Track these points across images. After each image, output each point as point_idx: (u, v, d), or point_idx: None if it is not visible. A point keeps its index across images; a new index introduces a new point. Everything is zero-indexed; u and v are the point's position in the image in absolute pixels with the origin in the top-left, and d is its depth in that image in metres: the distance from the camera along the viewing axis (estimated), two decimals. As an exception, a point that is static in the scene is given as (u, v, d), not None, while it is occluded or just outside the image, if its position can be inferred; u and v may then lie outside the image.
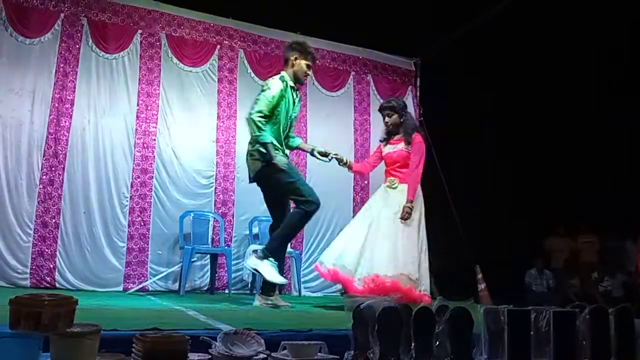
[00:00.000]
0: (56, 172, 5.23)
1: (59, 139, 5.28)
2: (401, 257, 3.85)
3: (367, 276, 3.79)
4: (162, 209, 5.64)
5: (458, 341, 1.73)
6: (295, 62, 3.94)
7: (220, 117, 6.01)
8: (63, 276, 5.15)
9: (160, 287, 5.51)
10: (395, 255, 3.85)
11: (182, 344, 1.51)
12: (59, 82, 5.32)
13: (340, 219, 6.17)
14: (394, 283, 3.70)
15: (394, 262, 3.82)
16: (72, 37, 5.44)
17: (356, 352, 1.78)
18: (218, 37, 6.12)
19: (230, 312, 3.47)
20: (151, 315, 2.94)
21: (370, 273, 3.80)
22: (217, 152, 5.95)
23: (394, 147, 4.25)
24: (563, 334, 1.76)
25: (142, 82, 5.68)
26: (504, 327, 1.72)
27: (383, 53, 7.00)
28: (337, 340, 1.97)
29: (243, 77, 6.18)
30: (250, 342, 1.75)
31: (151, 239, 5.54)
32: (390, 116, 4.25)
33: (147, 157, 5.62)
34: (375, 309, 1.76)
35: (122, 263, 5.38)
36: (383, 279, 3.74)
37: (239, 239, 5.94)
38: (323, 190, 4.48)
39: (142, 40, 5.75)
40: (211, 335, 1.78)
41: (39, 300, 1.43)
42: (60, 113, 5.30)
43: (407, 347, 1.73)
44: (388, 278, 3.74)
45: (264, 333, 1.97)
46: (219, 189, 5.92)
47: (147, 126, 5.66)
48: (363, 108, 6.83)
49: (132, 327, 1.97)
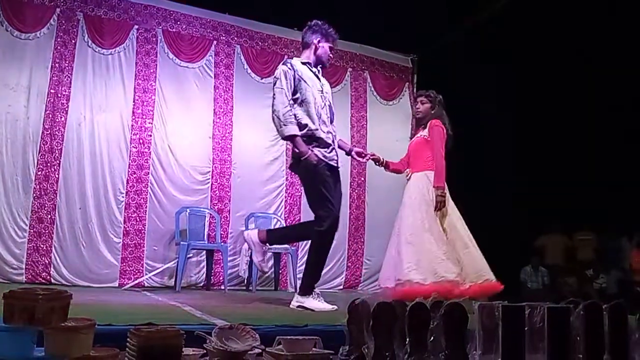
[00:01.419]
0: (52, 168, 5.22)
1: (55, 135, 5.26)
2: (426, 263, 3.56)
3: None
4: (158, 205, 5.63)
5: (452, 337, 1.73)
6: (318, 45, 3.62)
7: (216, 113, 6.00)
8: (58, 272, 5.14)
9: (156, 283, 5.51)
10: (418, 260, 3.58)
11: (177, 338, 1.51)
12: (54, 77, 5.30)
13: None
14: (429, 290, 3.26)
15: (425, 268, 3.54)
16: (68, 32, 5.42)
17: (351, 347, 1.78)
18: (215, 33, 6.11)
19: (226, 307, 3.47)
20: (146, 311, 2.94)
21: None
22: (213, 148, 5.94)
23: (416, 136, 4.07)
24: (557, 329, 1.76)
25: (138, 78, 5.66)
26: (498, 323, 1.73)
27: (380, 49, 6.99)
28: (333, 336, 1.97)
29: (239, 73, 6.17)
30: (245, 337, 1.76)
31: (147, 234, 5.54)
32: (424, 104, 3.99)
33: (143, 153, 5.61)
34: (370, 304, 1.76)
35: (117, 259, 5.37)
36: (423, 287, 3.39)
37: (235, 235, 5.94)
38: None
39: (138, 35, 5.73)
40: (206, 330, 1.79)
41: (32, 295, 1.43)
42: (55, 109, 5.28)
43: (402, 342, 1.74)
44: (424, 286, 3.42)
45: (260, 328, 1.98)
46: (215, 185, 5.91)
47: (143, 122, 5.64)
48: (360, 104, 6.83)
49: (127, 322, 1.97)
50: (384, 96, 7.02)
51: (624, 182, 7.31)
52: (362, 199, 6.68)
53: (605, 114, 7.23)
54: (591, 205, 7.44)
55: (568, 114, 7.43)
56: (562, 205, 7.67)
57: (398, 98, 7.12)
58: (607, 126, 7.31)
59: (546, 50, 6.91)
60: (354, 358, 1.74)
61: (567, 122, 7.50)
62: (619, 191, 7.29)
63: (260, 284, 5.80)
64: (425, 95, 4.03)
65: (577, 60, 6.86)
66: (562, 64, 6.88)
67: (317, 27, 3.66)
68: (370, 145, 6.52)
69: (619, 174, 7.31)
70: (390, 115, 6.99)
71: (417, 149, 3.97)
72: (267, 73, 6.27)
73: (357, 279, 6.62)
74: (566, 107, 7.37)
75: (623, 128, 7.22)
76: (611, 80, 6.72)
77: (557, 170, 7.68)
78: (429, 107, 4.00)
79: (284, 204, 6.26)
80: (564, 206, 7.67)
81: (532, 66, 6.97)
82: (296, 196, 6.30)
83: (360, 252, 6.65)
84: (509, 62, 6.88)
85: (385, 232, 6.51)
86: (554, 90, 7.23)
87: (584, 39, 6.49)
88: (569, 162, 7.67)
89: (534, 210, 7.60)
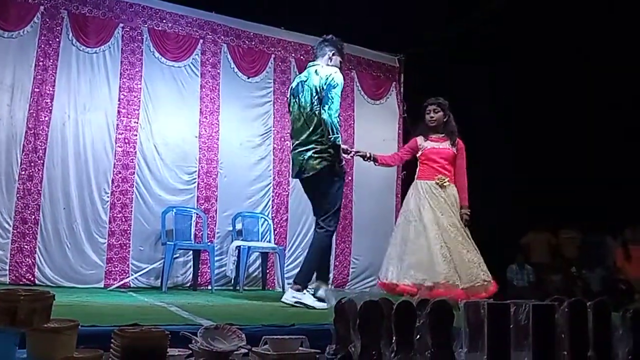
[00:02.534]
0: (36, 168, 5.15)
1: (39, 134, 5.19)
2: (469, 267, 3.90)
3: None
4: (144, 205, 5.58)
5: (439, 334, 1.73)
6: (333, 58, 3.85)
7: (203, 112, 5.96)
8: (43, 273, 5.07)
9: (142, 283, 5.47)
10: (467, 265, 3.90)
11: (162, 339, 1.50)
12: (38, 76, 5.23)
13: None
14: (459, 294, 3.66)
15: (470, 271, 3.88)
16: (52, 30, 5.35)
17: (337, 346, 1.78)
18: (201, 32, 6.07)
19: (213, 307, 3.45)
20: (132, 311, 2.92)
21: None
22: (199, 147, 5.91)
23: (439, 144, 4.23)
24: (542, 327, 1.77)
25: (123, 77, 5.61)
26: (484, 321, 1.74)
27: (367, 49, 7.00)
28: (320, 335, 1.97)
29: (226, 72, 6.14)
30: (231, 337, 1.75)
31: (133, 235, 5.49)
32: (437, 112, 4.23)
33: (128, 153, 5.56)
34: (356, 303, 1.76)
35: (103, 259, 5.32)
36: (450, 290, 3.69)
37: (221, 235, 5.91)
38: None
39: (123, 34, 5.67)
40: (192, 330, 1.77)
41: (14, 295, 1.41)
42: (39, 108, 5.22)
43: (389, 340, 1.74)
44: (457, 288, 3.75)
45: (246, 328, 1.97)
46: (201, 184, 5.88)
47: (129, 121, 5.59)
48: (347, 104, 6.82)
49: (112, 323, 1.96)
50: (371, 95, 7.03)
51: (609, 181, 7.39)
52: (350, 199, 6.69)
53: (591, 113, 7.31)
54: (576, 203, 7.52)
55: (553, 113, 7.50)
56: (548, 204, 7.74)
57: (385, 97, 7.14)
58: (594, 125, 7.39)
59: (531, 49, 6.97)
60: (341, 357, 1.74)
61: (552, 121, 7.58)
62: (605, 190, 7.37)
63: (247, 284, 5.78)
64: (438, 104, 4.25)
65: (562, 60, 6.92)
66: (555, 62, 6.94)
67: (333, 41, 3.91)
68: (358, 144, 6.52)
69: (604, 173, 7.39)
70: (377, 114, 7.01)
71: (449, 161, 4.20)
72: (254, 72, 6.26)
73: (345, 277, 6.63)
74: (551, 106, 7.44)
75: (610, 127, 7.31)
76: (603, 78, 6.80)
77: (543, 169, 7.75)
78: (442, 115, 4.24)
79: (271, 203, 6.24)
80: (549, 204, 7.74)
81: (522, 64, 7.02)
82: (283, 196, 6.29)
83: (347, 252, 6.66)
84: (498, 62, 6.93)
85: (372, 231, 6.59)
86: (539, 90, 7.30)
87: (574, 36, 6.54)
88: (555, 161, 7.75)
89: (521, 209, 7.66)
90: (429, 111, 4.26)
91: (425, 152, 4.23)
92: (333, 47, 3.89)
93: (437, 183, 4.11)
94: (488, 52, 6.82)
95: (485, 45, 6.70)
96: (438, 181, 4.11)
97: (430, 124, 4.26)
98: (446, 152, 4.19)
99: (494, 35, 6.47)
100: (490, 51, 6.82)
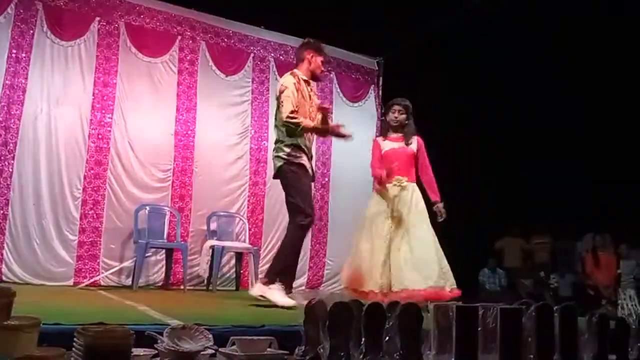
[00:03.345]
0: (5, 162, 5.03)
1: (10, 128, 5.07)
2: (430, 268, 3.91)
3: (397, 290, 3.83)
4: (117, 202, 5.49)
5: (408, 337, 1.74)
6: (312, 60, 3.94)
7: (179, 109, 5.89)
8: (10, 269, 4.95)
9: (113, 282, 5.37)
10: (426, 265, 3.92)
11: (126, 338, 1.47)
12: (10, 68, 5.10)
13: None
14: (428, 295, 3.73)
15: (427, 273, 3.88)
16: (26, 22, 5.23)
17: (307, 348, 1.77)
18: (179, 28, 6.00)
19: (183, 307, 3.41)
20: (99, 310, 2.87)
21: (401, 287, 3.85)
22: (175, 145, 5.84)
23: (398, 144, 4.26)
24: (509, 330, 1.79)
25: (98, 71, 5.51)
26: (452, 323, 1.75)
27: (347, 51, 7.01)
28: (290, 336, 1.96)
29: (204, 70, 6.07)
30: (198, 337, 1.72)
31: (104, 232, 5.39)
32: (401, 114, 4.29)
33: (101, 149, 5.46)
34: (326, 304, 1.75)
35: (72, 257, 5.21)
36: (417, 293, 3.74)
37: (196, 234, 5.85)
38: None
39: (99, 28, 5.57)
40: (160, 330, 1.74)
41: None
42: (11, 100, 5.09)
43: (358, 342, 1.74)
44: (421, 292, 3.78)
45: (215, 329, 1.95)
46: (176, 182, 5.81)
47: (103, 117, 5.49)
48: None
49: (77, 322, 1.91)
50: (349, 97, 7.04)
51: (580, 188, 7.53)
52: (326, 200, 6.69)
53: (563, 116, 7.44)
54: (548, 209, 7.65)
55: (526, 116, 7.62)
56: (520, 209, 7.86)
57: (364, 100, 7.16)
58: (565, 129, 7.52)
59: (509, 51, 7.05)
60: (310, 358, 1.73)
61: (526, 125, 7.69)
62: (576, 197, 7.51)
63: (221, 284, 5.73)
64: (403, 106, 4.33)
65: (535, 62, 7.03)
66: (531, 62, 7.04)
67: (309, 44, 4.00)
68: (335, 145, 6.54)
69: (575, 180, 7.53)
70: (356, 116, 7.00)
71: (409, 161, 4.22)
72: (232, 70, 6.21)
73: (319, 279, 6.62)
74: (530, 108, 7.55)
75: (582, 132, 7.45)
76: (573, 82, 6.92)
77: (517, 174, 7.87)
78: (405, 117, 4.31)
79: (247, 203, 6.20)
80: (522, 210, 7.87)
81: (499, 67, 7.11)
82: (259, 195, 6.25)
83: (322, 253, 6.65)
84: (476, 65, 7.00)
85: (347, 233, 6.56)
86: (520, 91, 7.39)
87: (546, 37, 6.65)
88: (528, 166, 7.87)
89: (493, 214, 7.75)
90: (393, 111, 4.33)
91: (386, 153, 4.30)
92: (311, 49, 3.97)
93: (395, 185, 4.16)
94: (466, 55, 6.89)
95: (462, 47, 6.77)
96: (396, 182, 4.16)
97: (392, 123, 4.34)
98: (407, 152, 4.24)
99: (470, 37, 6.54)
100: (467, 53, 6.89)
